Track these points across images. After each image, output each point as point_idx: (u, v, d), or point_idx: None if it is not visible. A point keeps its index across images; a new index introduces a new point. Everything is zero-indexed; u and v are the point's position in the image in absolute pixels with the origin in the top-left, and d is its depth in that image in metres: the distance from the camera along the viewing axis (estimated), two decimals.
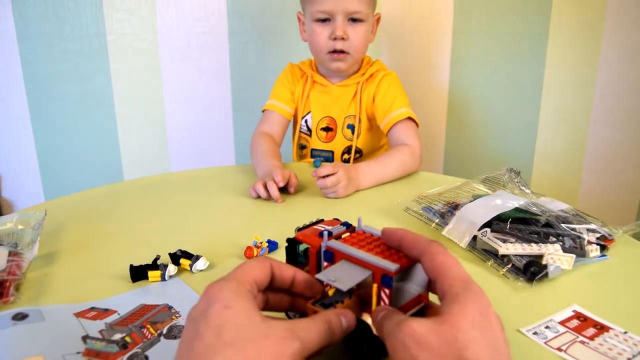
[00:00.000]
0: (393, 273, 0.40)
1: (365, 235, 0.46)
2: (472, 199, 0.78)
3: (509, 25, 1.58)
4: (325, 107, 1.24)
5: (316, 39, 1.15)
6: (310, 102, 1.24)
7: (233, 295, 0.36)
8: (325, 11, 1.11)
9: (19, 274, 0.61)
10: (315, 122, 1.24)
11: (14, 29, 1.55)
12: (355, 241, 0.45)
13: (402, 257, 0.42)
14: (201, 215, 0.85)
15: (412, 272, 0.43)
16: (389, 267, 0.40)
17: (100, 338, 0.49)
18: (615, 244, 0.69)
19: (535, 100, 1.63)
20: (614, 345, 0.49)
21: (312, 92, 1.24)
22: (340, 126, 1.23)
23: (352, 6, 1.10)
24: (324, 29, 1.13)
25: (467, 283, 0.37)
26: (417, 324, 0.35)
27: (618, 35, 1.55)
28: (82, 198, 0.95)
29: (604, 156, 1.67)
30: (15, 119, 1.64)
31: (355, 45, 1.14)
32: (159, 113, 1.68)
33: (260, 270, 0.41)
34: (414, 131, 1.13)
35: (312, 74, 1.23)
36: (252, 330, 0.34)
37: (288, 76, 1.26)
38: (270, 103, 1.25)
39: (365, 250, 0.43)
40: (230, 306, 0.35)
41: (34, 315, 0.52)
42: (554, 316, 0.54)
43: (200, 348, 0.33)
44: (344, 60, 1.15)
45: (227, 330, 0.34)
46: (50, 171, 1.71)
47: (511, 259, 0.63)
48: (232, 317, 0.34)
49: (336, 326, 0.39)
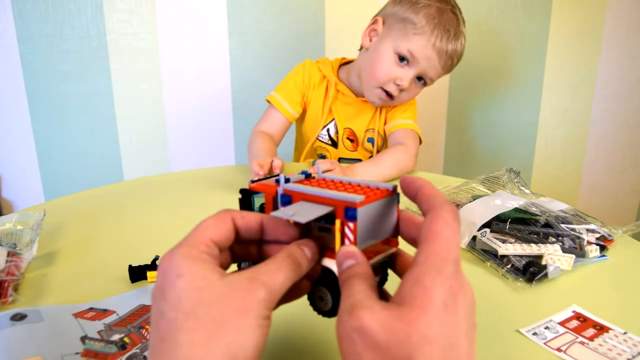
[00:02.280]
0: (357, 204, 0.35)
1: (327, 181, 0.42)
2: (472, 199, 0.78)
3: (509, 25, 1.58)
4: (348, 118, 1.20)
5: (381, 68, 1.09)
6: (333, 111, 1.20)
7: (184, 261, 0.33)
8: (413, 57, 1.06)
9: (17, 274, 0.61)
10: (340, 132, 1.21)
11: (14, 29, 1.55)
12: (315, 184, 0.41)
13: (368, 193, 0.37)
14: (201, 216, 0.85)
15: (381, 211, 0.38)
16: (353, 199, 0.36)
17: (99, 338, 0.49)
18: (615, 244, 0.69)
19: (535, 100, 1.63)
20: (614, 345, 0.49)
21: (336, 101, 1.20)
22: (360, 140, 1.21)
23: (431, 73, 1.09)
24: (396, 66, 1.08)
25: (443, 263, 0.31)
26: (369, 318, 0.30)
27: (618, 35, 1.55)
28: (82, 198, 0.95)
29: (604, 156, 1.67)
30: (15, 119, 1.64)
31: (404, 99, 1.14)
32: (159, 113, 1.68)
33: (218, 227, 0.37)
34: (413, 137, 1.12)
35: (337, 82, 1.19)
36: (211, 291, 0.32)
37: (305, 77, 1.20)
38: (277, 99, 1.19)
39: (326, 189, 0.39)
40: (183, 274, 0.32)
41: (33, 315, 0.52)
42: (554, 317, 0.54)
43: (163, 326, 0.31)
44: (385, 102, 1.13)
45: (185, 299, 0.31)
46: (50, 171, 1.71)
47: (511, 259, 0.63)
48: (186, 285, 0.32)
49: (300, 257, 0.36)
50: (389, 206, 0.39)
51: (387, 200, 0.38)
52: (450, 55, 1.08)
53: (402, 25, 1.06)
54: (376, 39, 1.12)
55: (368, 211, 0.37)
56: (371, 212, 0.37)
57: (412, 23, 1.05)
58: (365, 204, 0.36)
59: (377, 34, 1.12)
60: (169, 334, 0.31)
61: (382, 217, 0.38)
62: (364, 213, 0.36)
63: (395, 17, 1.09)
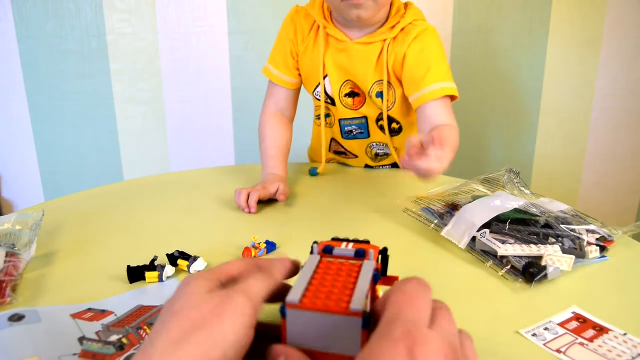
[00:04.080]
0: (288, 304, 0.36)
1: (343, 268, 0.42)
2: (472, 199, 0.78)
3: (509, 25, 1.58)
4: (345, 70, 0.98)
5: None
6: (326, 63, 0.98)
7: (195, 277, 0.38)
8: None
9: (16, 274, 0.61)
10: (336, 89, 1.00)
11: (14, 29, 1.55)
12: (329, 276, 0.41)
13: (328, 300, 0.37)
14: (200, 216, 0.85)
15: (332, 324, 0.37)
16: (292, 299, 0.37)
17: (97, 339, 0.49)
18: (615, 245, 0.69)
19: (535, 100, 1.63)
20: (614, 347, 0.48)
21: (328, 51, 0.98)
22: (367, 93, 0.99)
23: None
24: None
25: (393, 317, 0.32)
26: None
27: (618, 35, 1.55)
28: (82, 198, 0.95)
29: (604, 156, 1.67)
30: (15, 119, 1.64)
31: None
32: (159, 113, 1.68)
33: (238, 268, 0.42)
34: (449, 109, 0.91)
35: (326, 25, 0.96)
36: (198, 299, 0.36)
37: (290, 31, 1.00)
38: (270, 71, 1.04)
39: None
40: (188, 284, 0.37)
41: (31, 316, 0.52)
42: (553, 318, 0.54)
43: (157, 324, 0.35)
44: (364, 7, 0.87)
45: (177, 303, 0.36)
46: (50, 171, 1.71)
47: (510, 260, 0.63)
48: (185, 293, 0.36)
49: (276, 269, 0.42)
50: (347, 326, 0.37)
51: (340, 318, 0.36)
52: None
53: None
54: None
55: (305, 316, 0.37)
56: (311, 320, 0.37)
57: None
58: (299, 308, 0.36)
59: None
60: (156, 331, 0.34)
61: (335, 331, 0.37)
62: (298, 316, 0.37)
63: None
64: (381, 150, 1.07)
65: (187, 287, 0.37)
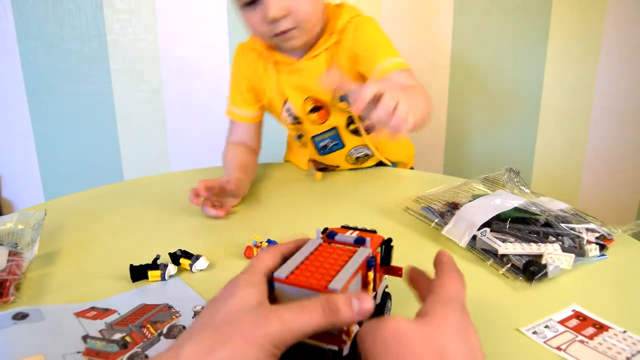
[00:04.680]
0: (275, 278, 0.40)
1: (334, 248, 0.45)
2: (472, 198, 0.78)
3: (509, 25, 1.58)
4: (302, 88, 0.98)
5: (251, 26, 0.90)
6: (282, 88, 0.99)
7: (242, 284, 0.38)
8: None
9: (19, 273, 0.61)
10: (300, 109, 1.00)
11: (14, 29, 1.56)
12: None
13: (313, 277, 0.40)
14: (201, 215, 0.85)
15: None
16: (279, 274, 0.40)
17: (101, 337, 0.50)
18: (615, 244, 0.69)
19: (535, 100, 1.64)
20: (613, 344, 0.49)
21: (280, 76, 0.99)
22: (330, 103, 0.99)
23: None
24: (255, 12, 0.86)
25: (453, 296, 0.39)
26: (401, 321, 0.35)
27: (618, 35, 1.55)
28: (82, 198, 0.95)
29: (604, 156, 1.67)
30: (15, 119, 1.64)
31: (302, 14, 0.86)
32: (159, 113, 1.68)
33: (271, 259, 0.42)
34: (412, 78, 0.91)
35: (271, 54, 0.97)
36: (237, 314, 0.36)
37: (241, 67, 1.02)
38: (230, 109, 1.06)
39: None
40: (236, 294, 0.37)
41: (34, 314, 0.52)
42: (554, 315, 0.54)
43: (195, 326, 0.36)
44: (294, 37, 0.89)
45: (220, 314, 0.36)
46: (50, 171, 1.71)
47: (510, 258, 0.63)
48: (230, 304, 0.37)
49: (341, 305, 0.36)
50: None
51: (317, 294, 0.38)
52: None
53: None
54: None
55: (290, 291, 0.40)
56: (295, 295, 0.39)
57: None
58: (284, 282, 0.40)
59: None
60: (192, 334, 0.35)
61: None
62: (283, 290, 0.40)
63: None
64: (360, 153, 1.06)
65: (233, 298, 0.37)
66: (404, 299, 0.58)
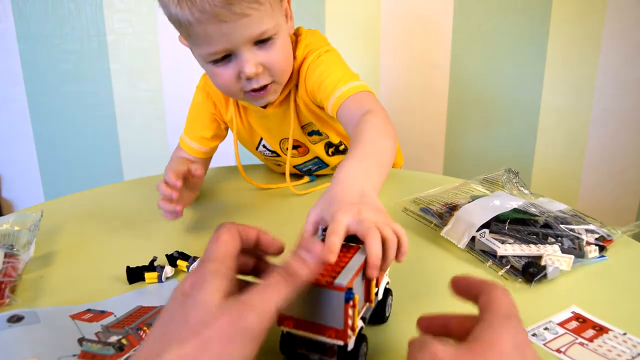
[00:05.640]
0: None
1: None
2: (471, 199, 0.78)
3: (509, 25, 1.57)
4: (274, 131, 0.96)
5: (222, 83, 0.82)
6: (254, 128, 0.97)
7: (208, 276, 0.38)
8: (218, 52, 0.77)
9: (14, 275, 0.61)
10: (276, 147, 0.98)
11: (14, 29, 1.55)
12: None
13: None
14: (200, 216, 0.85)
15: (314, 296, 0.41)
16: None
17: (97, 340, 0.49)
18: (614, 245, 0.69)
19: (535, 100, 1.63)
20: (614, 346, 0.48)
21: (249, 119, 0.96)
22: (305, 140, 0.97)
23: (252, 30, 0.75)
24: (227, 68, 0.79)
25: (509, 316, 0.36)
26: (440, 347, 0.34)
27: (618, 35, 1.54)
28: (81, 198, 0.95)
29: (604, 156, 1.67)
30: (15, 119, 1.64)
31: (277, 70, 0.81)
32: (159, 113, 1.68)
33: (233, 242, 0.42)
34: (367, 97, 0.82)
35: (233, 101, 0.94)
36: (211, 313, 0.36)
37: (209, 105, 0.95)
38: (184, 140, 0.97)
39: None
40: (203, 288, 0.37)
41: (30, 317, 0.52)
42: (553, 317, 0.54)
43: (172, 327, 0.36)
44: (270, 92, 0.83)
45: (194, 313, 0.36)
46: (50, 171, 1.71)
47: (510, 260, 0.63)
48: (201, 298, 0.36)
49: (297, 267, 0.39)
50: (331, 299, 0.41)
51: (325, 291, 0.41)
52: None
53: (188, 40, 0.81)
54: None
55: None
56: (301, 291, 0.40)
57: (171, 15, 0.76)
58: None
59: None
60: (170, 338, 0.35)
61: (321, 303, 0.41)
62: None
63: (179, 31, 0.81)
64: None
65: (201, 291, 0.37)
66: (405, 295, 0.58)
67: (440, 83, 1.65)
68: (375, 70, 1.64)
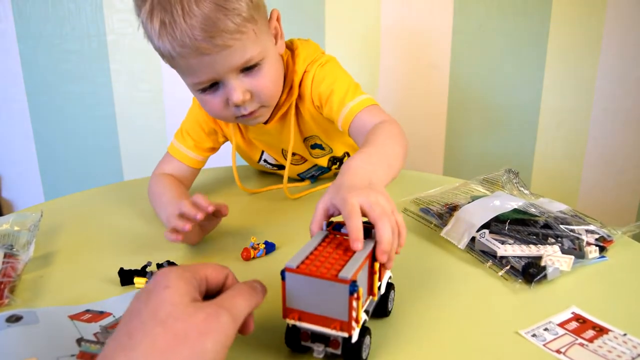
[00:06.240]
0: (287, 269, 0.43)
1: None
2: (471, 200, 0.77)
3: (508, 25, 1.57)
4: (276, 145, 0.96)
5: (211, 110, 0.81)
6: (255, 142, 0.97)
7: (175, 277, 0.39)
8: (204, 82, 0.76)
9: (14, 275, 0.61)
10: (278, 159, 0.99)
11: (14, 29, 1.55)
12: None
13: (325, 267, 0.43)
14: None
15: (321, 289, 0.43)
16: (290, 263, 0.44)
17: (95, 341, 0.49)
18: (615, 245, 0.69)
19: (535, 100, 1.63)
20: (614, 347, 0.48)
21: (249, 134, 0.95)
22: (306, 154, 0.97)
23: (236, 60, 0.73)
24: (215, 96, 0.78)
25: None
26: None
27: (618, 35, 1.54)
28: (81, 198, 0.95)
29: (604, 156, 1.66)
30: (15, 119, 1.64)
31: (265, 95, 0.79)
32: (159, 113, 1.68)
33: (215, 273, 0.44)
34: (379, 111, 0.83)
35: None
36: (183, 309, 0.37)
37: (209, 118, 0.93)
38: (176, 147, 0.94)
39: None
40: (170, 286, 0.38)
41: (29, 317, 0.52)
42: (553, 318, 0.53)
43: (135, 323, 0.36)
44: (259, 115, 0.82)
45: (161, 309, 0.36)
46: (50, 171, 1.71)
47: (510, 260, 0.63)
48: (168, 297, 0.37)
49: (257, 285, 0.44)
50: (335, 292, 0.42)
51: (330, 283, 0.42)
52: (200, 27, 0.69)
53: (177, 70, 0.81)
54: None
55: (301, 280, 0.43)
56: (306, 284, 0.43)
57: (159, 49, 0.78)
58: (296, 272, 0.43)
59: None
60: (137, 333, 0.35)
61: (325, 295, 0.42)
62: (295, 279, 0.43)
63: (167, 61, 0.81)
64: None
65: (168, 290, 0.38)
66: (408, 289, 0.58)
67: (440, 83, 1.65)
68: (375, 70, 1.64)
